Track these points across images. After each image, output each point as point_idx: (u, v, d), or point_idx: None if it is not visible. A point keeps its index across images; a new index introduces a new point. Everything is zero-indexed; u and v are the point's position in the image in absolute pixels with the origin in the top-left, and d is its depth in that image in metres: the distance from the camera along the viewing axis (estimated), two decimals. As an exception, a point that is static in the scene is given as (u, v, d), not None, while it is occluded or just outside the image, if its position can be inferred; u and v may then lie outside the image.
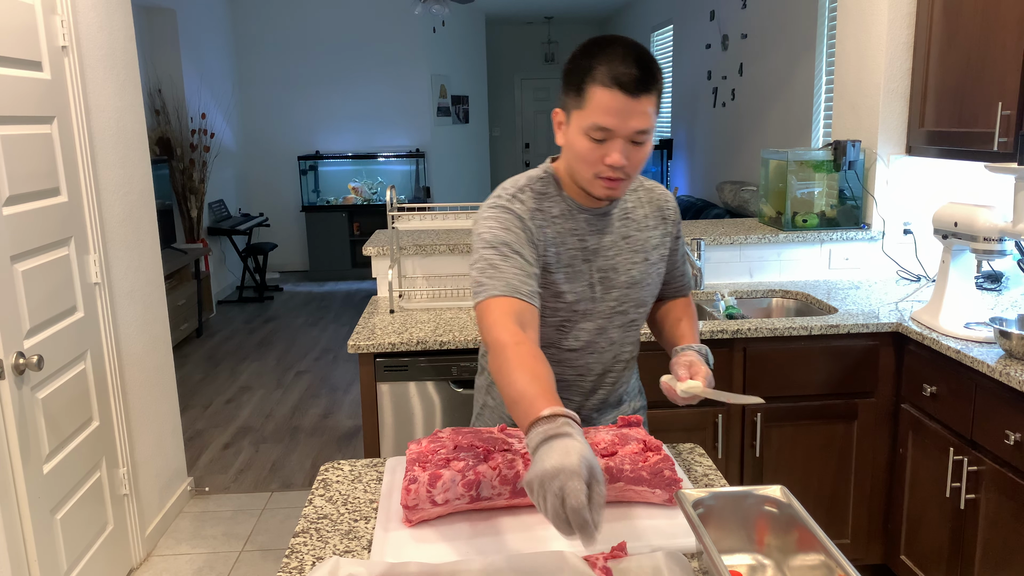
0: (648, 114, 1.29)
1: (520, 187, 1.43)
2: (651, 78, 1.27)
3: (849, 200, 3.02)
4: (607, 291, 1.45)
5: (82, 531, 2.44)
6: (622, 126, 1.28)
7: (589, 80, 1.28)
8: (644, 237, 1.48)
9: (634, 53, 1.28)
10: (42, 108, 2.32)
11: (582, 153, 1.32)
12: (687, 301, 1.65)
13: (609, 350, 1.51)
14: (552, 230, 1.41)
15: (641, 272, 1.47)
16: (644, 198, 1.51)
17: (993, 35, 2.35)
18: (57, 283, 2.36)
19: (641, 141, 1.31)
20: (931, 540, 2.31)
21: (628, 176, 1.33)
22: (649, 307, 1.54)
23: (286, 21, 7.98)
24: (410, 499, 1.22)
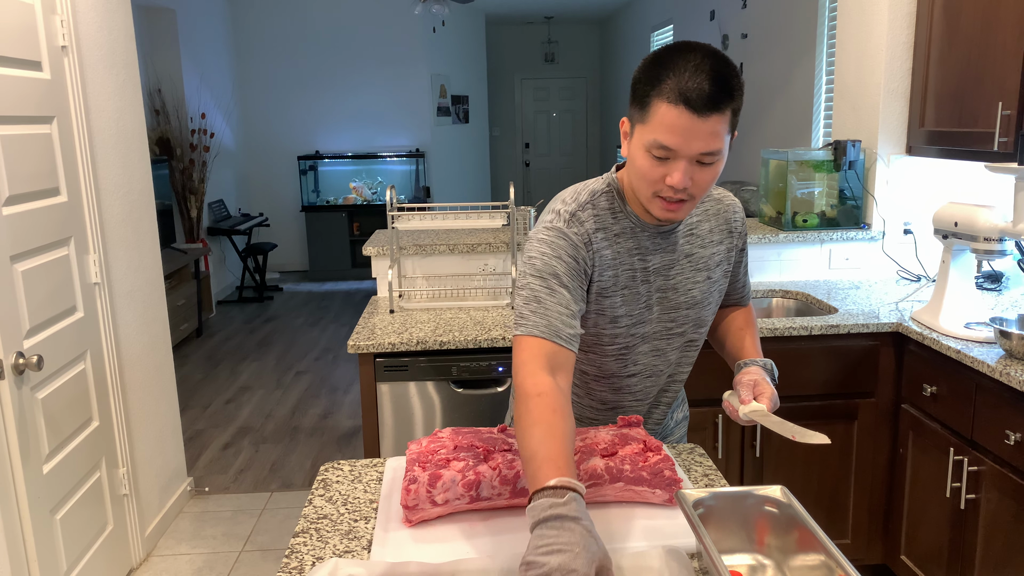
0: (717, 134, 1.17)
1: (582, 204, 1.33)
2: (725, 95, 1.15)
3: (849, 200, 3.02)
4: (665, 312, 1.37)
5: (82, 531, 2.44)
6: (686, 147, 1.17)
7: (655, 93, 1.17)
8: (708, 254, 1.39)
9: (709, 65, 1.15)
10: (42, 108, 2.32)
11: (642, 170, 1.22)
12: (748, 311, 1.57)
13: (667, 371, 1.45)
14: (612, 251, 1.32)
15: (703, 292, 1.39)
16: (711, 210, 1.41)
17: (993, 35, 2.35)
18: (57, 283, 2.36)
19: (709, 163, 1.20)
20: (931, 540, 2.31)
21: (692, 198, 1.23)
22: (708, 326, 1.47)
23: (286, 21, 7.98)
24: (410, 499, 1.22)
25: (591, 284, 1.32)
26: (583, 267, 1.29)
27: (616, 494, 1.29)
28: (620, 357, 1.39)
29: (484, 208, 7.14)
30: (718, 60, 1.17)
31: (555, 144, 11.12)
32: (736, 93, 1.17)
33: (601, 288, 1.32)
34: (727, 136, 1.20)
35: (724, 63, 1.17)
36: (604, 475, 1.26)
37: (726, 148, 1.21)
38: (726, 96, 1.16)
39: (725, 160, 1.23)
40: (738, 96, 1.18)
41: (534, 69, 10.81)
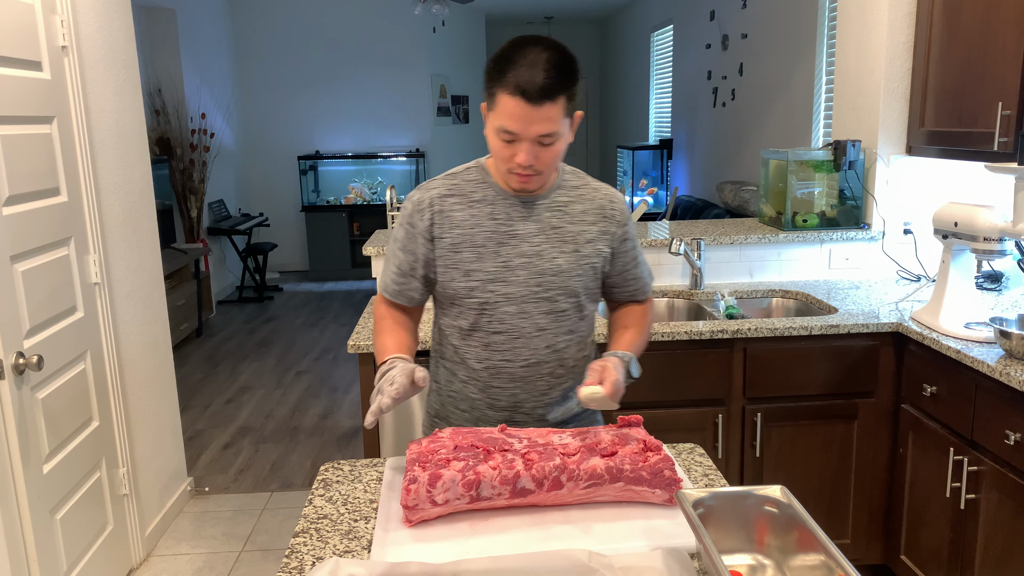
0: (552, 119, 1.36)
1: (444, 176, 1.57)
2: (557, 86, 1.34)
3: (849, 200, 3.02)
4: (531, 276, 1.51)
5: (82, 531, 2.44)
6: (525, 131, 1.37)
7: (498, 86, 1.36)
8: (577, 230, 1.53)
9: (544, 59, 1.34)
10: (42, 108, 2.32)
11: (495, 150, 1.44)
12: (643, 309, 1.66)
13: (538, 337, 1.52)
14: (467, 213, 1.51)
15: (569, 262, 1.52)
16: (586, 196, 1.57)
17: (993, 35, 2.35)
18: (57, 283, 2.36)
19: (548, 143, 1.39)
20: (931, 540, 2.31)
21: (540, 172, 1.44)
22: (586, 301, 1.57)
23: (286, 21, 7.98)
24: (410, 499, 1.22)
25: (437, 240, 1.52)
26: (424, 226, 1.52)
27: (616, 494, 1.29)
28: (483, 312, 1.52)
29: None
30: (554, 53, 1.35)
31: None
32: (567, 83, 1.36)
33: (450, 244, 1.51)
34: (565, 119, 1.39)
35: (560, 55, 1.36)
36: (604, 475, 1.26)
37: (565, 128, 1.41)
38: (557, 87, 1.34)
39: (568, 138, 1.43)
40: (570, 85, 1.37)
41: (534, 69, 10.78)
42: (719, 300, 2.77)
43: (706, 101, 6.46)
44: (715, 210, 5.54)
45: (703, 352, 2.40)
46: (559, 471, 1.26)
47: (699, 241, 2.88)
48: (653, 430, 2.36)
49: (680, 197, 6.56)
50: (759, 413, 2.44)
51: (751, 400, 2.45)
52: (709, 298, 2.87)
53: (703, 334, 2.37)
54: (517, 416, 1.57)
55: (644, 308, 1.67)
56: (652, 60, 8.23)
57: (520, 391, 1.55)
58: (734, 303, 2.75)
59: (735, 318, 2.68)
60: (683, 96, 7.16)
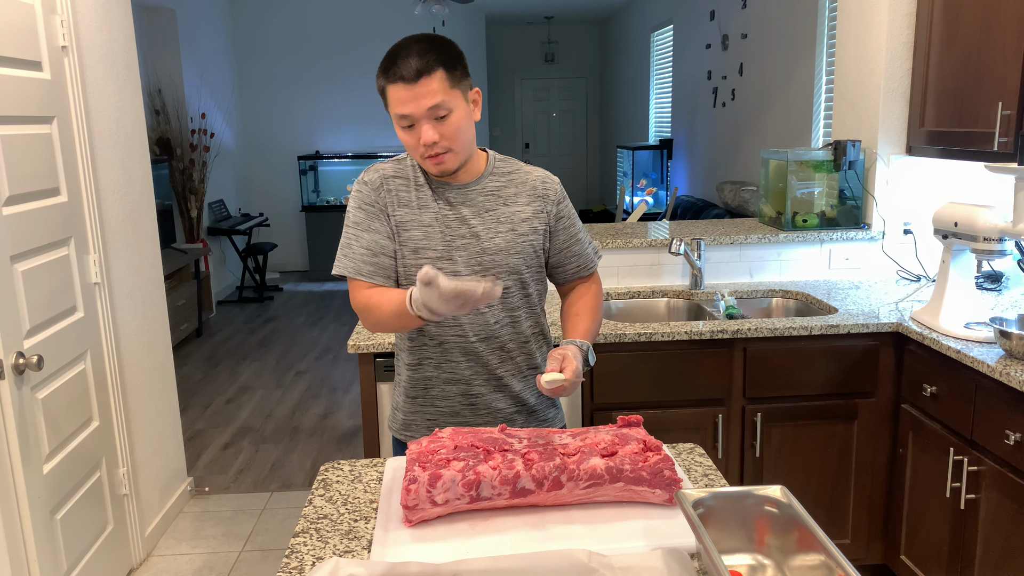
0: (434, 92, 1.44)
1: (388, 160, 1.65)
2: (431, 62, 1.44)
3: (849, 200, 3.02)
4: (473, 256, 1.58)
5: (82, 531, 2.44)
6: (415, 110, 1.45)
7: (383, 81, 1.48)
8: (511, 211, 1.61)
9: (415, 47, 1.45)
10: (42, 108, 2.32)
11: (405, 143, 1.52)
12: (592, 291, 1.72)
13: (486, 313, 1.60)
14: (414, 194, 1.60)
15: (507, 241, 1.59)
16: (517, 179, 1.65)
17: (993, 35, 2.35)
18: (57, 283, 2.36)
19: (442, 115, 1.47)
20: (931, 540, 2.31)
21: (450, 148, 1.50)
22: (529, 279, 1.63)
23: (286, 21, 7.98)
24: (410, 499, 1.22)
25: (391, 217, 1.59)
26: (382, 204, 1.59)
27: (616, 494, 1.29)
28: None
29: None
30: (423, 40, 1.47)
31: (555, 144, 11.12)
32: (441, 58, 1.45)
33: (400, 222, 1.59)
34: (453, 90, 1.47)
35: (430, 40, 1.47)
36: (604, 475, 1.26)
37: (458, 101, 1.48)
38: (430, 63, 1.44)
39: (466, 112, 1.50)
40: (445, 60, 1.46)
41: (534, 69, 10.81)
42: (719, 300, 2.77)
43: (706, 101, 6.46)
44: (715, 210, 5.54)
45: (703, 352, 2.40)
46: (559, 471, 1.26)
47: (699, 241, 2.88)
48: (653, 430, 2.36)
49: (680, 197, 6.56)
50: (759, 413, 2.44)
51: (751, 400, 2.45)
52: (709, 298, 2.87)
53: (703, 334, 2.37)
54: (472, 389, 1.64)
55: (594, 290, 1.73)
56: (652, 60, 8.23)
57: (475, 363, 1.63)
58: (734, 303, 2.75)
59: (735, 318, 2.68)
60: (683, 96, 7.16)
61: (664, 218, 6.66)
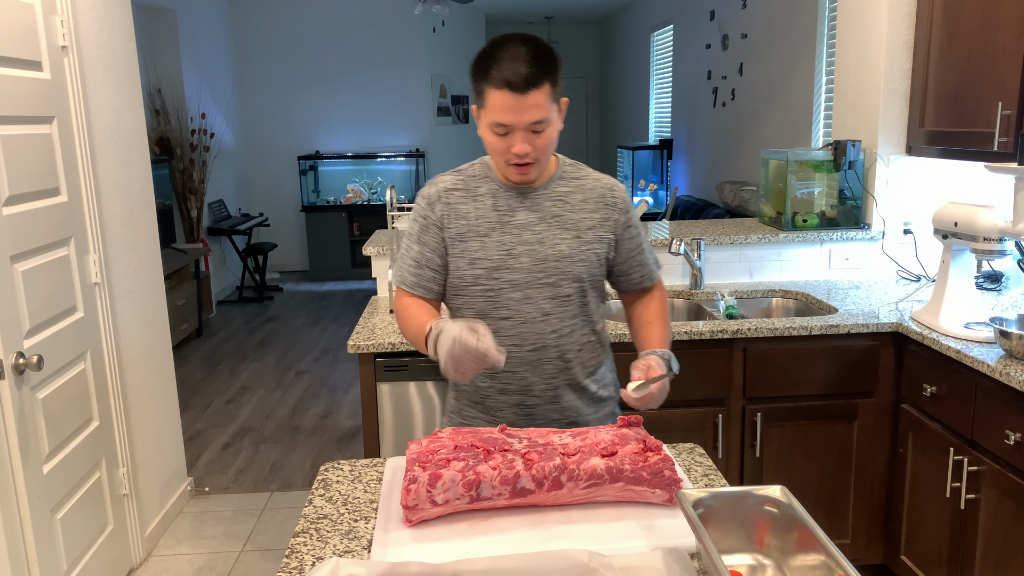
0: (540, 106, 1.42)
1: (452, 172, 1.65)
2: (540, 73, 1.40)
3: (849, 200, 3.02)
4: (535, 263, 1.55)
5: (82, 531, 2.44)
6: (517, 121, 1.43)
7: (485, 83, 1.43)
8: (578, 218, 1.58)
9: (523, 52, 1.41)
10: (42, 108, 2.32)
11: (491, 145, 1.49)
12: (657, 297, 1.71)
13: (543, 322, 1.56)
14: (472, 205, 1.58)
15: (572, 248, 1.56)
16: (586, 185, 1.61)
17: (993, 35, 2.35)
18: (57, 283, 2.36)
19: (540, 130, 1.45)
20: (931, 540, 2.31)
21: (536, 160, 1.49)
22: (590, 288, 1.60)
23: (286, 21, 7.98)
24: (410, 499, 1.22)
25: (446, 230, 1.59)
26: (433, 220, 1.59)
27: (616, 494, 1.29)
28: (489, 299, 1.58)
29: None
30: (531, 45, 1.42)
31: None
32: (549, 70, 1.42)
33: (457, 234, 1.58)
34: (552, 105, 1.45)
35: (537, 46, 1.43)
36: (604, 475, 1.26)
37: (554, 114, 1.47)
38: (540, 74, 1.41)
39: (558, 124, 1.48)
40: (551, 72, 1.43)
41: (534, 69, 10.78)
42: (719, 300, 2.77)
43: (706, 101, 6.46)
44: (715, 210, 5.54)
45: (703, 352, 2.40)
46: (559, 471, 1.26)
47: (699, 241, 2.88)
48: (653, 430, 2.36)
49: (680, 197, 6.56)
50: (759, 413, 2.44)
51: (751, 400, 2.45)
52: (709, 298, 2.87)
53: (703, 334, 2.37)
54: (528, 400, 1.61)
55: (658, 297, 1.71)
56: (652, 60, 8.23)
57: (529, 375, 1.59)
58: (734, 303, 2.75)
59: (735, 318, 2.68)
60: (683, 96, 7.16)
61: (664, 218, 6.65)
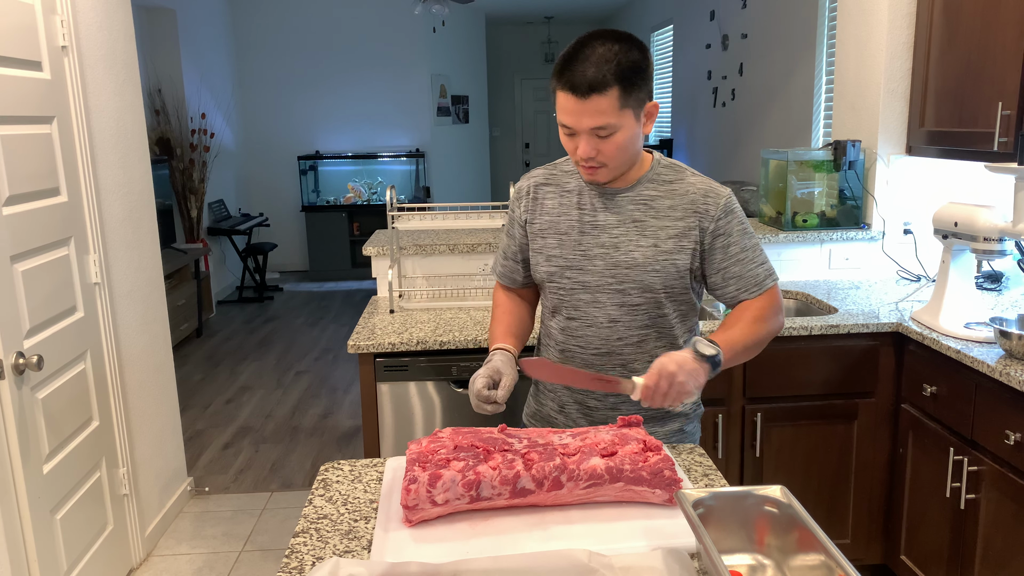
0: (602, 112, 1.37)
1: (549, 165, 1.64)
2: (605, 78, 1.35)
3: (849, 200, 3.02)
4: (608, 267, 1.52)
5: (82, 531, 2.44)
6: (578, 124, 1.40)
7: (555, 82, 1.41)
8: (659, 225, 1.51)
9: (597, 53, 1.36)
10: (42, 108, 2.32)
11: (563, 144, 1.48)
12: (756, 305, 1.53)
13: (609, 328, 1.54)
14: (557, 201, 1.57)
15: (646, 256, 1.50)
16: (678, 191, 1.53)
17: (993, 35, 2.35)
18: (57, 283, 2.36)
19: (604, 135, 1.40)
20: (931, 540, 2.31)
21: (605, 165, 1.45)
22: (666, 299, 1.53)
23: (286, 21, 7.98)
24: (410, 499, 1.22)
25: (529, 225, 1.60)
26: (520, 212, 1.62)
27: (616, 494, 1.29)
28: (560, 297, 1.58)
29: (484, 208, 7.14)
30: (610, 46, 1.37)
31: (555, 144, 11.11)
32: (620, 75, 1.36)
33: (539, 229, 1.59)
34: (624, 111, 1.39)
35: (616, 48, 1.36)
36: (604, 475, 1.26)
37: (626, 120, 1.40)
38: (606, 79, 1.35)
39: (633, 130, 1.42)
40: (624, 77, 1.36)
41: (534, 69, 10.80)
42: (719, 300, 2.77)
43: (706, 101, 6.46)
44: (715, 210, 5.53)
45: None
46: (559, 471, 1.26)
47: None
48: (653, 430, 2.36)
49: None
50: (759, 413, 2.44)
51: (751, 400, 2.45)
52: (709, 298, 2.87)
53: (702, 334, 2.37)
54: (590, 402, 1.61)
55: (756, 305, 1.53)
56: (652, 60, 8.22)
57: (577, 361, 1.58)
58: (734, 303, 2.75)
59: (735, 318, 2.67)
60: (683, 96, 7.16)
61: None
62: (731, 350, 1.45)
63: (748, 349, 1.50)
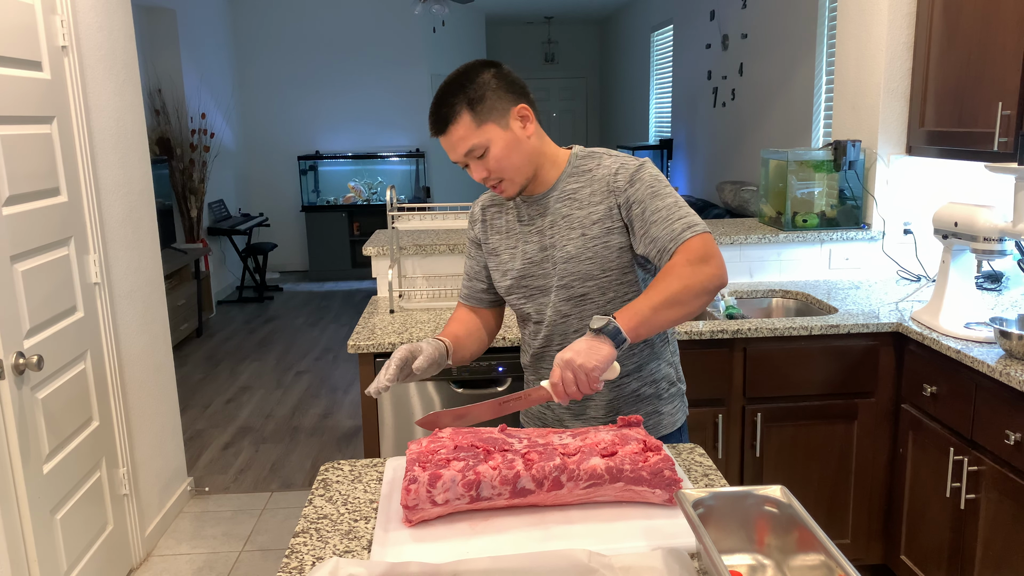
0: (464, 138, 1.45)
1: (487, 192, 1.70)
2: (447, 110, 1.44)
3: (849, 200, 3.02)
4: (553, 266, 1.57)
5: (82, 531, 2.44)
6: (455, 155, 1.49)
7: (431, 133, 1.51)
8: (584, 214, 1.53)
9: (439, 96, 1.46)
10: (42, 108, 2.32)
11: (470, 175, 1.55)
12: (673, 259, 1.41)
13: (563, 323, 1.58)
14: (503, 219, 1.65)
15: (577, 247, 1.53)
16: (596, 176, 1.55)
17: (993, 35, 2.35)
18: (57, 283, 2.36)
19: (481, 155, 1.47)
20: (931, 540, 2.31)
21: (503, 179, 1.51)
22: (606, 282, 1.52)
23: (286, 21, 7.98)
24: (410, 499, 1.22)
25: (484, 245, 1.68)
26: (475, 235, 1.70)
27: (616, 494, 1.29)
28: (522, 306, 1.64)
29: (484, 208, 7.13)
30: (449, 84, 1.46)
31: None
32: (458, 102, 1.44)
33: (491, 248, 1.67)
34: (486, 126, 1.45)
35: (453, 80, 1.46)
36: (604, 475, 1.26)
37: (491, 134, 1.46)
38: (449, 110, 1.44)
39: (505, 139, 1.47)
40: (462, 101, 1.44)
41: (534, 69, 10.80)
42: (719, 300, 2.77)
43: (706, 101, 6.46)
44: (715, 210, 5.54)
45: (703, 352, 2.40)
46: (559, 471, 1.26)
47: (699, 241, 2.87)
48: (653, 430, 2.36)
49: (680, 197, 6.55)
50: (759, 413, 2.44)
51: (751, 400, 2.45)
52: (709, 298, 2.86)
53: (703, 334, 2.37)
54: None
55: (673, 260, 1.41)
56: (652, 60, 8.23)
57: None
58: (734, 303, 2.75)
59: (735, 318, 2.68)
60: (683, 96, 7.16)
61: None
62: (636, 314, 1.35)
63: (664, 307, 1.36)
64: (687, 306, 1.38)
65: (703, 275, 1.38)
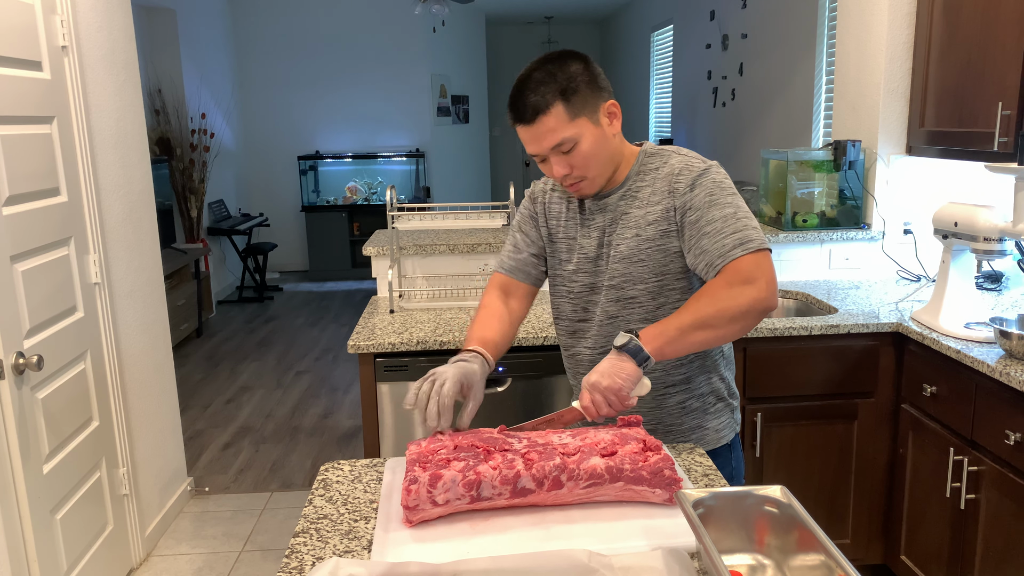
0: (554, 129, 1.39)
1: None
2: (542, 98, 1.38)
3: (849, 200, 3.02)
4: (608, 265, 1.52)
5: (82, 531, 2.44)
6: (539, 148, 1.42)
7: (510, 120, 1.45)
8: (641, 213, 1.48)
9: (527, 79, 1.39)
10: (42, 108, 2.32)
11: (544, 172, 1.50)
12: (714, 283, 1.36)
13: (609, 324, 1.54)
14: (563, 206, 1.60)
15: (630, 247, 1.48)
16: (660, 174, 1.48)
17: (993, 35, 2.35)
18: (57, 283, 2.36)
19: (567, 150, 1.42)
20: (931, 540, 2.31)
21: (584, 177, 1.46)
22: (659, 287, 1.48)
23: (286, 21, 7.98)
24: (410, 499, 1.22)
25: (542, 228, 1.62)
26: (532, 213, 1.64)
27: (616, 494, 1.29)
28: (569, 300, 1.60)
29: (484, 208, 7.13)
30: (538, 68, 1.39)
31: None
32: (555, 90, 1.37)
33: (550, 233, 1.62)
34: (577, 120, 1.39)
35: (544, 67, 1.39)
36: (604, 475, 1.26)
37: (583, 128, 1.40)
38: (544, 98, 1.37)
39: (594, 135, 1.42)
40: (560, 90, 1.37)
41: (534, 69, 10.79)
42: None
43: (706, 101, 6.46)
44: (715, 210, 5.53)
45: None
46: (559, 471, 1.26)
47: (699, 241, 2.87)
48: (653, 430, 2.36)
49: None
50: (759, 413, 2.44)
51: (751, 400, 2.45)
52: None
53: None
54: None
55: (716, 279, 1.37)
56: (652, 60, 8.23)
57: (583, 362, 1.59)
58: (734, 303, 2.75)
59: (735, 318, 2.67)
60: (683, 96, 7.16)
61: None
62: (662, 334, 1.32)
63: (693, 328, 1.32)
64: (719, 330, 1.33)
65: (744, 298, 1.32)
